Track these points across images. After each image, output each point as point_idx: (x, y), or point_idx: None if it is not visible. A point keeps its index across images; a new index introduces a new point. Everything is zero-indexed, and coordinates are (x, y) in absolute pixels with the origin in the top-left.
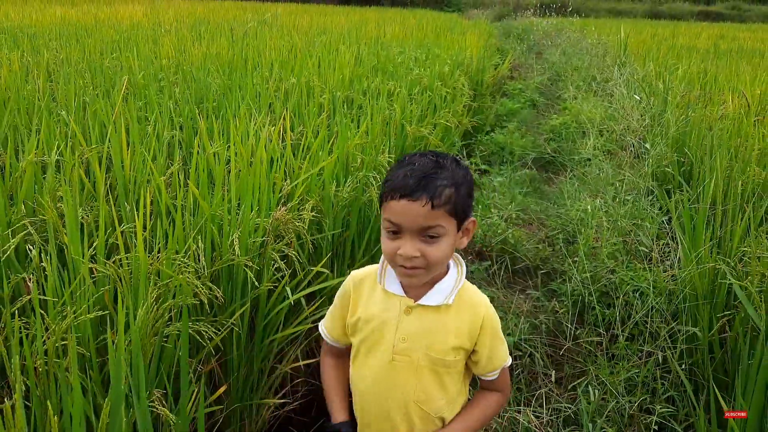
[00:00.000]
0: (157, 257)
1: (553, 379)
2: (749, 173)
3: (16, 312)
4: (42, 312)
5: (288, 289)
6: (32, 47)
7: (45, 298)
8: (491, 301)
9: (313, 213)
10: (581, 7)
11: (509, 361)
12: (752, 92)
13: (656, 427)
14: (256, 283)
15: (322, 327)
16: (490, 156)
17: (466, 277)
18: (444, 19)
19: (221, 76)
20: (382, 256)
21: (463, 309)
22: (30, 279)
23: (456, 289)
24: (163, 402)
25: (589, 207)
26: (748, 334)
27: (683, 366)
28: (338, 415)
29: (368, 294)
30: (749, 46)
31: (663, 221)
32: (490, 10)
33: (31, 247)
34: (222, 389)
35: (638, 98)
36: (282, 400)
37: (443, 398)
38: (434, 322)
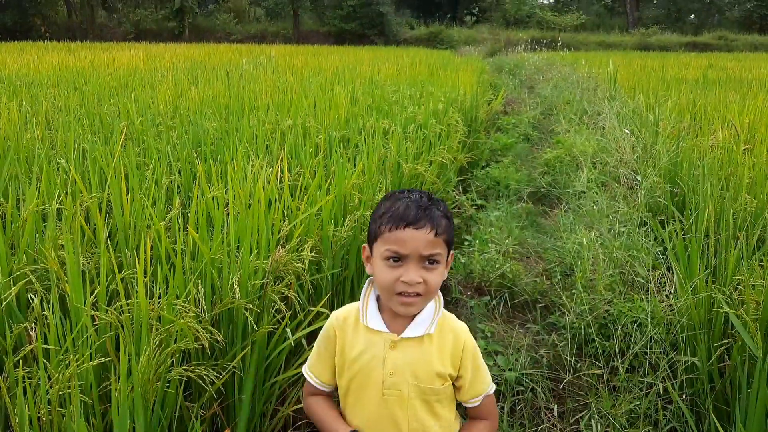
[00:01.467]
0: (158, 302)
1: (555, 413)
2: (740, 201)
3: (20, 361)
4: (45, 361)
5: (288, 330)
6: (30, 96)
7: (47, 347)
8: (492, 336)
9: (312, 253)
10: (571, 41)
11: (492, 387)
12: (741, 121)
13: None
14: (256, 326)
15: (308, 371)
16: (486, 191)
17: (460, 313)
18: (437, 57)
19: (218, 119)
20: (363, 294)
21: (444, 336)
22: (32, 328)
23: (437, 318)
24: None
25: (584, 240)
26: (746, 362)
27: (684, 396)
28: (344, 428)
29: (352, 333)
30: (737, 75)
31: (658, 252)
32: (482, 46)
33: (32, 296)
34: None
35: (628, 132)
36: None
37: (438, 425)
38: (419, 353)
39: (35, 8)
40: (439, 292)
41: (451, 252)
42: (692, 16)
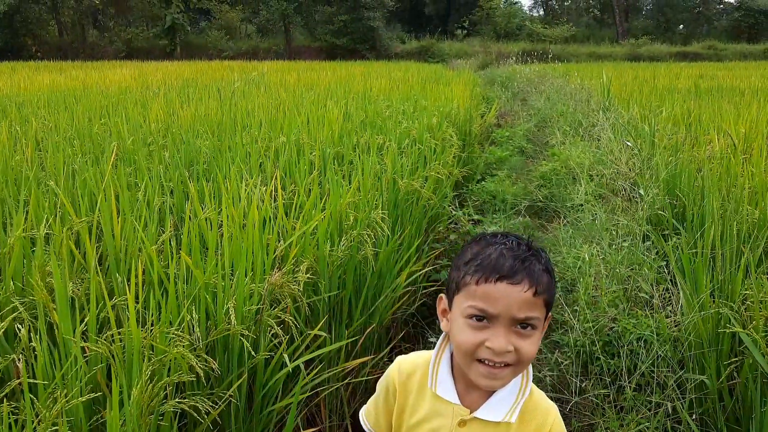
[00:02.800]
0: (151, 330)
1: None
2: (742, 213)
3: (5, 396)
4: (32, 397)
5: (285, 356)
6: (21, 116)
7: (35, 381)
8: None
9: (308, 275)
10: (561, 53)
11: None
12: (737, 131)
13: None
14: (253, 353)
15: (365, 418)
16: (482, 205)
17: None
18: (429, 71)
19: (210, 137)
20: (436, 352)
21: (527, 421)
22: (19, 360)
23: (521, 402)
24: None
25: (586, 254)
26: (758, 380)
27: (693, 416)
28: None
29: (417, 393)
30: (729, 84)
31: (661, 266)
32: (474, 59)
33: (20, 326)
34: None
35: (630, 144)
36: None
37: None
38: None
39: (26, 28)
40: (530, 367)
41: (549, 314)
42: (681, 26)
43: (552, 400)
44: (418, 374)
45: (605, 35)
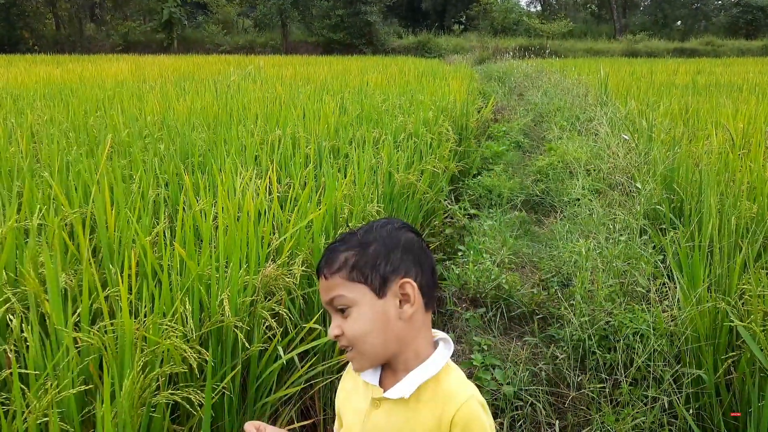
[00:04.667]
0: (144, 322)
1: (556, 429)
2: (740, 208)
3: None
4: (23, 387)
5: (280, 348)
6: (16, 108)
7: (26, 371)
8: (489, 349)
9: (304, 267)
10: (559, 49)
11: None
12: (735, 126)
13: None
14: (247, 345)
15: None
16: (478, 199)
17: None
18: (425, 65)
19: (206, 130)
20: None
21: (433, 404)
22: (10, 351)
23: (422, 379)
24: None
25: (583, 249)
26: (755, 375)
27: (690, 410)
28: None
29: (353, 382)
30: (726, 80)
31: (657, 261)
32: (471, 54)
33: (11, 317)
34: None
35: (627, 138)
36: None
37: None
38: (402, 419)
39: (23, 21)
40: (448, 341)
41: (398, 279)
42: (678, 22)
43: (547, 394)
44: None
45: (603, 31)
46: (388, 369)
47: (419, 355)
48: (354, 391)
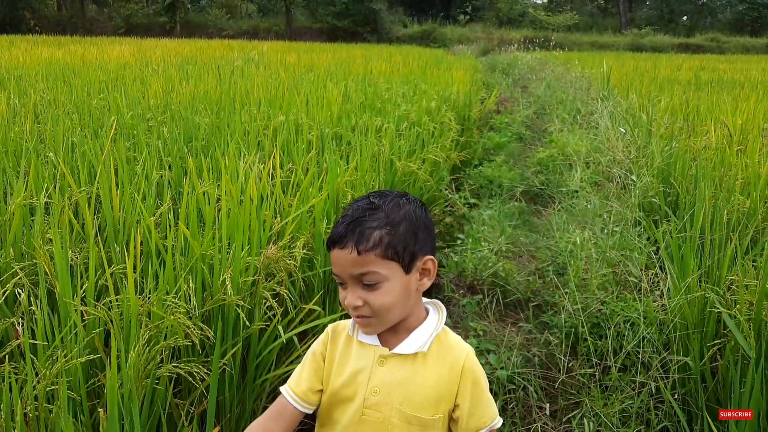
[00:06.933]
0: (148, 298)
1: (547, 412)
2: (734, 202)
3: (6, 357)
4: (32, 356)
5: (280, 327)
6: (19, 89)
7: (35, 342)
8: (484, 335)
9: (305, 251)
10: (564, 41)
11: (498, 422)
12: (734, 122)
13: None
14: (248, 323)
15: (286, 386)
16: (478, 189)
17: (457, 319)
18: (430, 55)
19: (209, 114)
20: None
21: (442, 356)
22: (19, 323)
23: (433, 335)
24: None
25: (578, 239)
26: (738, 362)
27: (676, 396)
28: None
29: (344, 347)
30: (729, 77)
31: (651, 251)
32: (475, 45)
33: (20, 291)
34: (215, 430)
35: (624, 131)
36: None
37: None
38: (410, 373)
39: (25, 2)
40: (441, 306)
41: (424, 257)
42: (684, 17)
43: (539, 378)
44: (346, 331)
45: (608, 24)
46: (388, 330)
47: (419, 317)
48: (346, 355)
